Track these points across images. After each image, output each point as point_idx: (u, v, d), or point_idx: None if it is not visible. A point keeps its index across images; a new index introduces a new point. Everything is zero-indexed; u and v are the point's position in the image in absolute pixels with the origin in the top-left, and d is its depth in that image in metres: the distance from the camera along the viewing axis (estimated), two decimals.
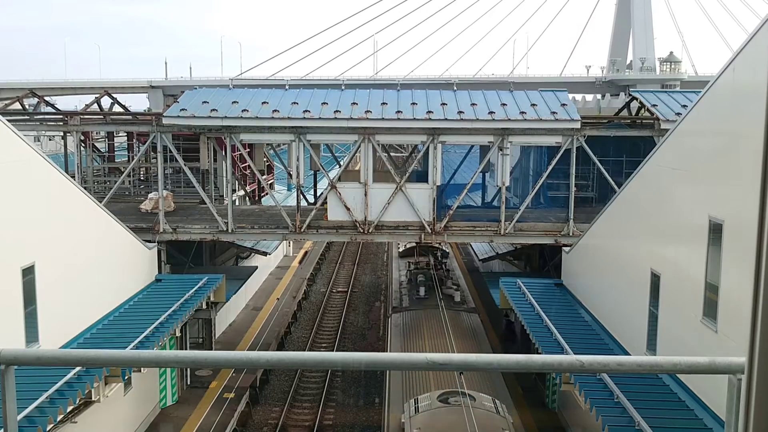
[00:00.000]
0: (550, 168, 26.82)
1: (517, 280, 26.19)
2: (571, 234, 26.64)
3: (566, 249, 26.34)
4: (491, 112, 26.35)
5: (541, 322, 21.94)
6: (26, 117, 30.50)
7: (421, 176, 27.85)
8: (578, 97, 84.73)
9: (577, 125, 26.13)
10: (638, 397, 15.49)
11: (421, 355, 3.29)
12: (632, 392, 15.71)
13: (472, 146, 30.11)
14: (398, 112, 26.41)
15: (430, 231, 26.95)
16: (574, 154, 26.35)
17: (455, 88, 29.77)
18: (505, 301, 25.58)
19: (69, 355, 3.76)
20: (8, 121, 17.62)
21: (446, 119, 26.10)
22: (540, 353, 19.61)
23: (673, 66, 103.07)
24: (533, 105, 27.01)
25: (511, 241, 29.14)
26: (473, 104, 27.03)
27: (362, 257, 50.62)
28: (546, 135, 26.51)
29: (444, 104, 26.98)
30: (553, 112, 26.41)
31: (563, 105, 27.23)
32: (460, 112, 26.32)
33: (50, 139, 54.64)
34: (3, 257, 16.48)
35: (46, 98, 36.16)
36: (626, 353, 18.83)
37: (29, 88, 53.28)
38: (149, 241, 26.15)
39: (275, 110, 26.40)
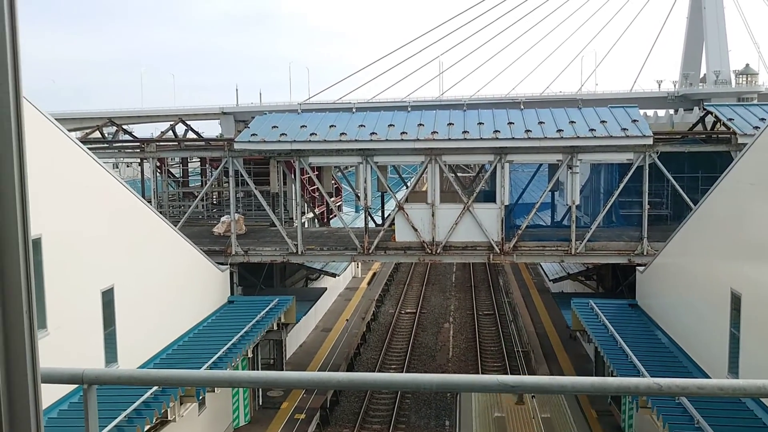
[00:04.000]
0: (621, 185, 26.25)
1: (590, 301, 25.62)
2: (645, 253, 25.94)
3: (640, 269, 25.63)
4: (559, 130, 26.00)
5: (615, 344, 21.37)
6: (106, 145, 31.78)
7: (489, 196, 27.63)
8: (650, 112, 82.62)
9: (649, 141, 25.53)
10: (720, 423, 14.88)
11: (493, 377, 3.26)
12: (713, 417, 15.11)
13: (541, 165, 29.74)
14: (465, 132, 26.34)
15: (498, 251, 26.67)
16: (647, 171, 25.71)
17: (522, 106, 29.60)
18: (577, 322, 25.04)
19: (147, 374, 3.87)
20: (89, 149, 18.38)
21: (513, 138, 25.88)
22: (615, 376, 19.07)
23: (749, 78, 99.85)
24: (603, 122, 26.53)
25: (583, 260, 28.56)
26: (541, 122, 26.73)
27: (430, 278, 50.43)
28: (617, 152, 25.98)
29: (511, 123, 26.77)
30: (624, 129, 25.88)
31: (634, 121, 26.66)
32: (527, 131, 26.06)
33: (128, 166, 56.69)
34: (84, 280, 17.11)
35: (124, 126, 37.56)
36: (706, 376, 18.13)
37: (108, 117, 55.45)
38: (222, 264, 26.72)
39: (343, 133, 26.72)
